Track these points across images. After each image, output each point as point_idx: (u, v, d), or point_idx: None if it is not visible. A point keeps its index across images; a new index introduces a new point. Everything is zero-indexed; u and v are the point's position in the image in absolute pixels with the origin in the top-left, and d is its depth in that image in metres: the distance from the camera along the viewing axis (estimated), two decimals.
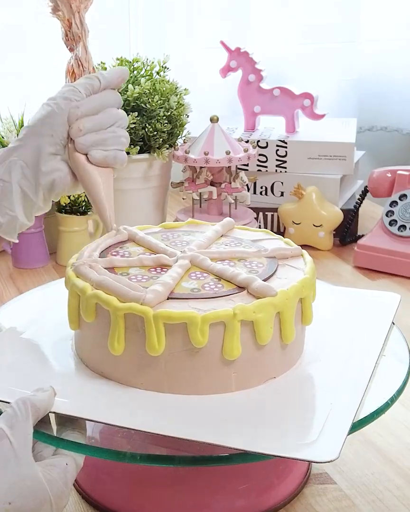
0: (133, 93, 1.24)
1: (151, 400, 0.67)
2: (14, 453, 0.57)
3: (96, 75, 0.76)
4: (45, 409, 0.62)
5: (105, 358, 0.69)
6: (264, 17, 1.73)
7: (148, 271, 0.73)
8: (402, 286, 1.22)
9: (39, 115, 0.75)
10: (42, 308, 0.85)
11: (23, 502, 0.57)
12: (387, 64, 1.84)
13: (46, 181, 0.74)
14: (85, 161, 0.74)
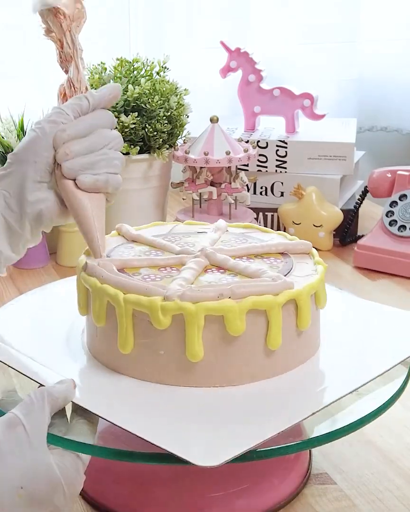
0: (133, 93, 1.24)
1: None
2: (28, 440, 0.59)
3: (85, 95, 0.71)
4: (64, 400, 0.63)
5: (146, 358, 0.69)
6: (264, 17, 1.73)
7: (159, 270, 0.73)
8: (402, 286, 1.22)
9: (24, 141, 0.70)
10: (43, 308, 0.85)
11: (35, 487, 0.58)
12: (387, 64, 1.84)
13: (33, 211, 0.69)
14: (74, 187, 0.69)
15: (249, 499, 0.72)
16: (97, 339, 0.73)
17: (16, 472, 0.58)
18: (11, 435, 0.59)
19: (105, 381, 0.70)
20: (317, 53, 1.78)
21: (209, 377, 0.68)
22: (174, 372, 0.68)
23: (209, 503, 0.71)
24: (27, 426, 0.59)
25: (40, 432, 0.60)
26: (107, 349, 0.71)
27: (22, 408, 0.61)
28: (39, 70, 1.56)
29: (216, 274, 0.72)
